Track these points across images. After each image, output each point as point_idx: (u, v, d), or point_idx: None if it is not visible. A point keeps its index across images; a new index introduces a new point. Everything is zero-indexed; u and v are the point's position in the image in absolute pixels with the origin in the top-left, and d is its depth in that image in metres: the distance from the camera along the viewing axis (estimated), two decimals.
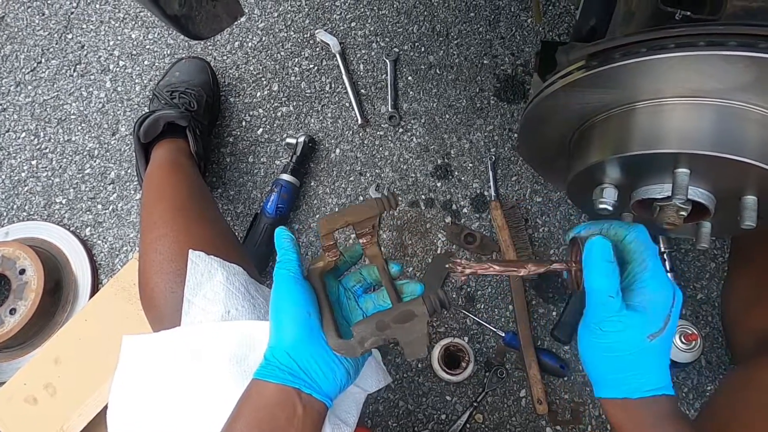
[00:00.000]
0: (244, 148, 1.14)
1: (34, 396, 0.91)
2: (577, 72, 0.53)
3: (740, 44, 0.44)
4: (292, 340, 0.47)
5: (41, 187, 1.13)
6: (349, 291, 0.57)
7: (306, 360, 0.47)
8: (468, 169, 1.11)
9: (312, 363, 0.47)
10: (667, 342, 0.43)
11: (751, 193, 0.52)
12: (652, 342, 0.42)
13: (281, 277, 0.50)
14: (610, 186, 0.56)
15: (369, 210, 0.52)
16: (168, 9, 0.40)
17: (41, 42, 1.23)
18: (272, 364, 0.47)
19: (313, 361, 0.47)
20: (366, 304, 0.56)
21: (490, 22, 1.21)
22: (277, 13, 1.24)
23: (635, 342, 0.42)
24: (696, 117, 0.51)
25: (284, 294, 0.49)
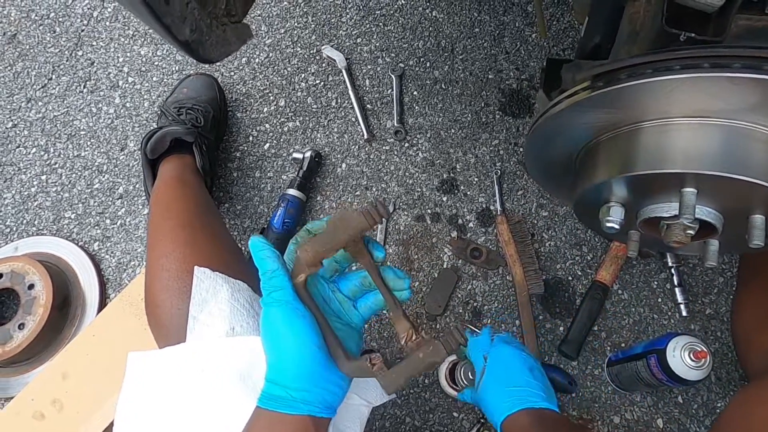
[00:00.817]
0: (251, 163, 1.15)
1: (41, 412, 0.91)
2: (582, 92, 0.54)
3: (744, 66, 0.44)
4: (304, 374, 0.46)
5: (50, 202, 1.14)
6: (331, 283, 0.55)
7: (320, 388, 0.47)
8: (474, 184, 1.11)
9: (324, 389, 0.47)
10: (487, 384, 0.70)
11: (759, 213, 0.51)
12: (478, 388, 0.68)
13: (278, 310, 0.45)
14: (617, 205, 0.56)
15: (356, 226, 0.46)
16: (180, 35, 0.41)
17: (52, 59, 1.25)
18: (283, 397, 0.46)
19: (325, 387, 0.47)
20: (362, 309, 0.55)
21: (495, 37, 1.22)
22: (284, 29, 1.25)
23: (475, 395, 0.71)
24: (702, 137, 0.51)
25: (286, 330, 0.45)
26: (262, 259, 0.46)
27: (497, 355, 0.72)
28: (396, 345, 1.01)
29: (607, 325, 0.99)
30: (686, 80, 0.46)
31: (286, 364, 0.46)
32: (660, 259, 1.01)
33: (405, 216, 1.10)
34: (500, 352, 0.72)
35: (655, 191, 0.54)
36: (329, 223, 0.48)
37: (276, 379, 0.46)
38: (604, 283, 0.98)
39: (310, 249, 0.46)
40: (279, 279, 0.46)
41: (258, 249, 0.47)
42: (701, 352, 0.71)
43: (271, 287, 0.46)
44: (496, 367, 0.70)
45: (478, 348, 0.76)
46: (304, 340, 0.45)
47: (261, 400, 0.47)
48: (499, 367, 0.70)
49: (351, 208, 0.47)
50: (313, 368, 0.46)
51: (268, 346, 0.47)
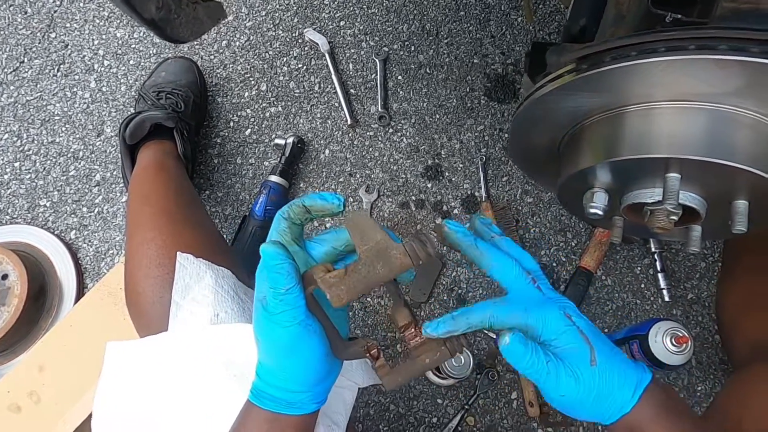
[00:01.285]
0: (232, 150, 1.13)
1: (17, 404, 0.89)
2: (567, 75, 0.52)
3: (730, 48, 0.43)
4: (309, 382, 0.44)
5: (24, 190, 1.11)
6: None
7: (320, 387, 0.46)
8: (458, 170, 1.10)
9: (324, 387, 0.46)
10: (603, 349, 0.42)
11: (742, 198, 0.51)
12: (597, 365, 0.41)
13: (290, 331, 0.42)
14: (601, 190, 0.56)
15: (399, 267, 0.41)
16: (145, 13, 0.39)
17: (24, 41, 1.21)
18: (285, 399, 0.44)
19: (325, 385, 0.46)
20: None
21: (481, 21, 1.20)
22: (265, 11, 1.22)
23: (588, 379, 0.41)
24: (687, 121, 0.50)
25: (296, 349, 0.43)
26: (278, 273, 0.41)
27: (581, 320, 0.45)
28: (381, 333, 1.01)
29: (591, 311, 0.99)
30: (671, 62, 0.45)
31: (293, 375, 0.44)
32: (643, 245, 1.01)
33: (389, 203, 1.08)
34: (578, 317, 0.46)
35: (638, 177, 0.54)
36: (363, 256, 0.42)
37: (278, 383, 0.44)
38: (588, 269, 0.98)
39: (345, 294, 0.41)
40: (293, 297, 0.41)
41: (274, 261, 0.41)
42: (683, 338, 0.71)
43: (285, 305, 0.41)
44: (587, 327, 0.44)
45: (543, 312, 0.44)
46: (315, 356, 0.43)
47: (258, 399, 0.45)
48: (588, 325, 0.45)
49: (364, 215, 0.41)
50: (321, 376, 0.45)
51: (273, 356, 0.44)
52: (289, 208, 0.47)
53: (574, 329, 0.42)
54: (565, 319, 0.43)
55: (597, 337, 0.43)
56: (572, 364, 0.41)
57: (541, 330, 0.43)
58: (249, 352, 0.61)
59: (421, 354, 0.44)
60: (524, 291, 0.45)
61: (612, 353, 0.43)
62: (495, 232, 0.49)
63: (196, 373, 0.61)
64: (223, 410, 0.58)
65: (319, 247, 0.49)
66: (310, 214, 0.47)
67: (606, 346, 0.43)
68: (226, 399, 0.59)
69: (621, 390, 0.41)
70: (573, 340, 0.42)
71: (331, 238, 0.49)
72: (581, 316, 0.44)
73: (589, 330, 0.43)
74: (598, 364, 0.41)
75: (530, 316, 0.43)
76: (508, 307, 0.43)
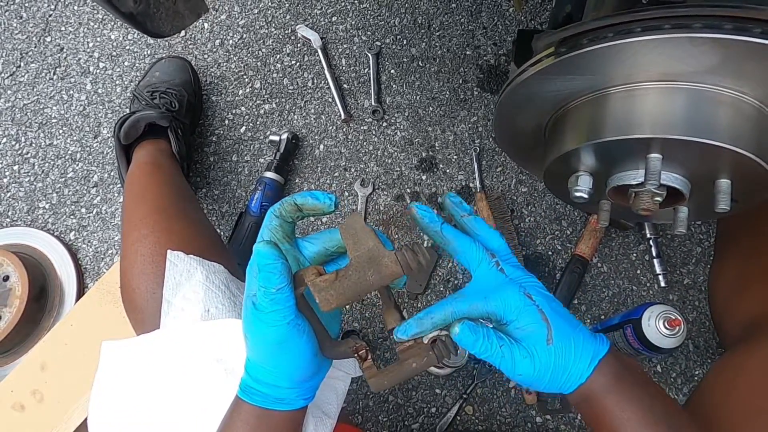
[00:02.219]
0: (228, 147, 1.14)
1: (21, 403, 0.91)
2: (546, 59, 0.53)
3: (705, 26, 0.43)
4: (298, 380, 0.45)
5: (24, 193, 1.12)
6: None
7: (308, 384, 0.46)
8: (453, 161, 1.10)
9: (313, 384, 0.47)
10: (561, 326, 0.43)
11: (724, 177, 0.51)
12: (553, 343, 0.43)
13: (280, 330, 0.42)
14: (585, 174, 0.56)
15: (389, 275, 0.42)
16: (122, 7, 0.39)
17: (20, 46, 1.22)
18: (274, 396, 0.45)
19: (314, 383, 0.47)
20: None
21: (472, 12, 1.20)
22: (257, 9, 1.23)
23: (545, 358, 0.43)
24: (667, 101, 0.50)
25: (286, 347, 0.43)
26: (270, 272, 0.42)
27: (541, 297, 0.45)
28: (378, 325, 1.01)
29: (587, 298, 1.00)
30: (648, 42, 0.46)
31: (281, 372, 0.44)
32: (638, 231, 1.01)
33: (384, 195, 1.09)
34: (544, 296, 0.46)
35: (622, 158, 0.54)
36: (354, 262, 0.42)
37: (266, 380, 0.45)
38: (584, 257, 0.99)
39: (334, 299, 0.42)
40: (284, 297, 0.42)
41: (266, 261, 0.42)
42: (675, 320, 0.71)
43: (275, 304, 0.42)
44: (547, 305, 0.44)
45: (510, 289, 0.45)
46: (304, 355, 0.44)
47: (247, 394, 0.45)
48: (549, 302, 0.45)
49: (359, 220, 0.41)
50: (308, 374, 0.46)
51: (261, 354, 0.45)
52: (280, 205, 0.47)
53: (533, 308, 0.43)
54: (525, 299, 0.43)
55: (556, 314, 0.44)
56: (529, 345, 0.43)
57: (503, 313, 0.44)
58: (239, 348, 0.62)
59: (408, 358, 0.44)
60: (487, 275, 0.46)
61: (570, 328, 0.44)
62: (465, 211, 0.49)
63: (188, 369, 0.62)
64: (216, 405, 0.59)
65: (312, 246, 0.49)
66: (301, 212, 0.47)
67: (565, 322, 0.44)
68: (219, 394, 0.60)
69: (576, 363, 0.43)
70: (531, 321, 0.43)
71: (324, 239, 0.49)
72: (542, 292, 0.45)
73: (548, 307, 0.44)
74: (554, 342, 0.42)
75: (490, 303, 0.44)
76: (468, 299, 0.44)
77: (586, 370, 0.43)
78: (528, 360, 0.42)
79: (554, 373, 0.43)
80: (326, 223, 1.08)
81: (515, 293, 0.44)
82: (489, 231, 0.48)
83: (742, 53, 0.44)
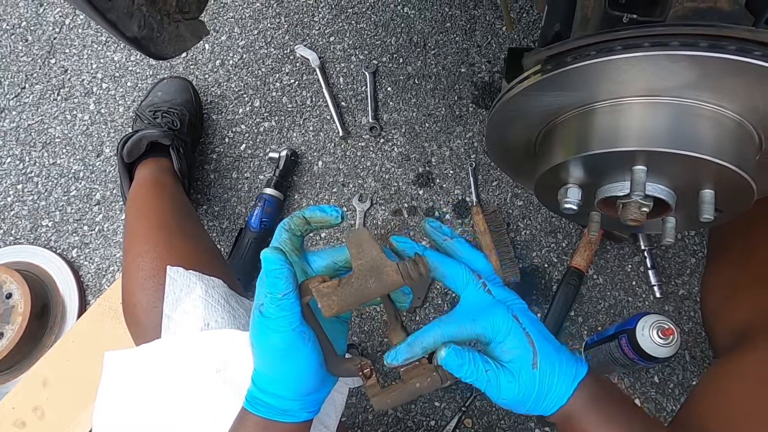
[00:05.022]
0: (228, 165, 1.16)
1: (22, 420, 0.91)
2: (533, 76, 0.55)
3: (682, 44, 0.45)
4: (304, 391, 0.46)
5: (27, 211, 1.14)
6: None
7: (313, 397, 0.47)
8: (449, 176, 1.12)
9: (318, 398, 0.48)
10: (546, 349, 0.44)
11: (707, 187, 0.53)
12: (538, 368, 0.43)
13: (285, 336, 0.43)
14: (574, 186, 0.58)
15: (391, 284, 0.43)
16: (127, 32, 0.41)
17: (25, 68, 1.25)
18: (279, 407, 0.46)
19: (319, 396, 0.48)
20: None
21: (466, 31, 1.23)
22: (257, 30, 1.26)
23: (529, 383, 0.43)
24: (651, 115, 0.52)
25: (291, 355, 0.44)
26: (276, 278, 0.43)
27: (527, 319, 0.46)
28: (378, 339, 1.02)
29: (583, 310, 1.00)
30: (629, 59, 0.48)
31: (286, 382, 0.45)
32: (633, 243, 1.03)
33: (382, 210, 1.10)
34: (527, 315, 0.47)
35: (609, 171, 0.55)
36: (357, 270, 0.43)
37: (272, 390, 0.45)
38: (579, 269, 1.00)
39: (336, 304, 0.42)
40: (289, 303, 0.43)
41: (273, 266, 0.43)
42: (668, 330, 0.72)
43: (281, 310, 0.43)
44: (533, 327, 0.46)
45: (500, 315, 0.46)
46: (309, 364, 0.45)
47: (252, 405, 0.46)
48: (535, 325, 0.46)
49: (367, 233, 0.46)
50: (314, 386, 0.46)
51: (267, 363, 0.45)
52: (290, 219, 0.49)
53: (520, 331, 0.44)
54: (512, 321, 0.44)
55: (542, 336, 0.45)
56: (514, 368, 0.43)
57: (491, 334, 0.44)
58: (239, 358, 0.63)
59: (412, 378, 0.45)
60: (475, 297, 0.46)
61: (554, 351, 0.45)
62: (446, 234, 0.50)
63: (188, 379, 0.63)
64: (216, 416, 0.60)
65: (320, 260, 0.50)
66: (310, 225, 0.49)
67: (549, 345, 0.45)
68: (219, 404, 0.61)
69: (558, 386, 0.43)
70: (517, 344, 0.44)
71: (333, 253, 0.50)
72: (528, 314, 0.46)
73: (534, 330, 0.45)
74: (540, 367, 0.43)
75: (478, 325, 0.44)
76: (456, 321, 0.45)
77: (567, 391, 0.43)
78: (513, 385, 0.43)
79: (537, 397, 0.43)
80: (325, 238, 1.10)
81: (503, 314, 0.44)
82: (473, 253, 0.49)
83: (718, 69, 0.46)
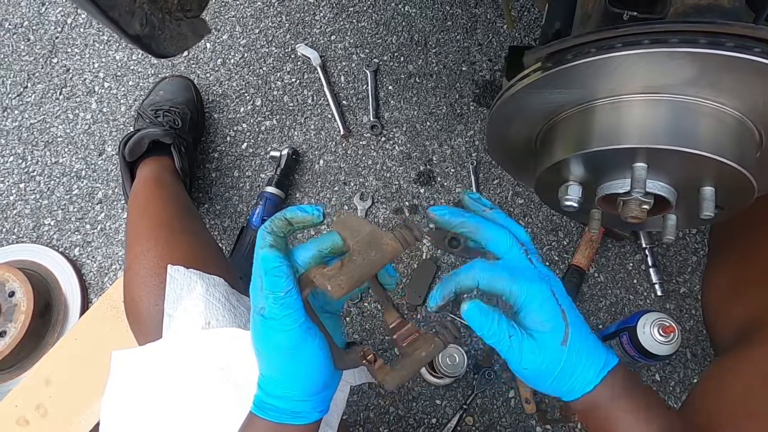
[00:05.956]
0: (229, 163, 1.16)
1: (25, 418, 0.92)
2: (533, 74, 0.55)
3: (681, 41, 0.45)
4: (314, 390, 0.45)
5: (29, 210, 1.14)
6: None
7: (323, 395, 0.47)
8: (450, 175, 1.12)
9: (328, 395, 0.48)
10: (579, 330, 0.43)
11: (708, 185, 0.53)
12: (567, 345, 0.42)
13: (291, 334, 0.42)
14: (575, 183, 0.58)
15: (391, 253, 0.43)
16: (129, 30, 0.42)
17: (27, 67, 1.25)
18: (289, 409, 0.45)
19: (329, 394, 0.48)
20: None
21: (467, 29, 1.23)
22: (258, 29, 1.26)
23: (555, 358, 0.42)
24: (651, 112, 0.52)
25: (299, 353, 0.43)
26: (277, 276, 0.42)
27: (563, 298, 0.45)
28: (379, 337, 1.02)
29: (584, 308, 1.01)
30: (628, 57, 0.48)
31: (296, 381, 0.44)
32: (634, 241, 1.03)
33: (383, 209, 1.11)
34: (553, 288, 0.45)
35: (609, 168, 0.55)
36: (355, 247, 0.43)
37: (282, 393, 0.44)
38: (580, 267, 1.00)
39: (345, 283, 0.42)
40: (293, 300, 0.42)
41: (272, 264, 0.42)
42: (669, 327, 0.72)
43: (286, 308, 0.42)
44: (569, 306, 0.44)
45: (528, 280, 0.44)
46: (318, 359, 0.44)
47: (263, 410, 0.45)
48: (570, 305, 0.45)
49: (352, 215, 0.46)
50: (324, 382, 0.46)
51: (276, 365, 0.44)
52: (271, 222, 0.47)
53: (556, 307, 0.43)
54: (548, 293, 0.43)
55: (576, 318, 0.44)
56: (542, 340, 0.42)
57: (524, 300, 0.43)
58: (241, 356, 0.64)
59: (416, 350, 0.45)
60: (516, 261, 0.45)
61: (586, 335, 0.43)
62: (486, 205, 0.49)
63: (193, 377, 0.63)
64: (221, 413, 0.60)
65: (305, 252, 0.49)
66: (292, 226, 0.48)
67: (583, 328, 0.43)
68: (223, 402, 0.61)
69: (585, 371, 0.42)
70: (551, 317, 0.42)
71: (317, 243, 0.49)
72: (566, 296, 0.44)
73: (570, 310, 0.43)
74: (570, 344, 0.42)
75: (515, 283, 0.43)
76: (495, 269, 0.44)
77: (595, 378, 0.42)
78: (537, 355, 0.42)
79: (560, 375, 0.42)
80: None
81: (541, 285, 0.43)
82: (514, 224, 0.47)
83: (718, 66, 0.46)
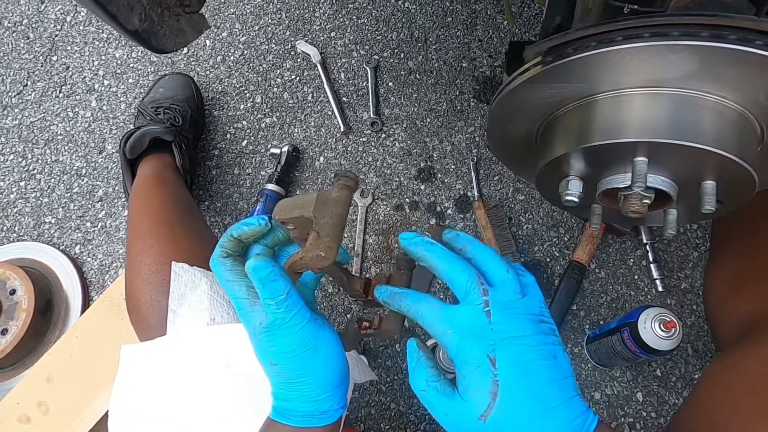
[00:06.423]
0: (230, 161, 1.16)
1: (27, 415, 0.92)
2: (534, 68, 0.55)
3: (683, 34, 0.45)
4: (335, 385, 0.45)
5: (30, 208, 1.14)
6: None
7: (346, 390, 0.47)
8: (451, 171, 1.12)
9: (347, 390, 0.47)
10: (515, 407, 0.36)
11: (709, 179, 0.53)
12: (486, 421, 0.35)
13: (303, 333, 0.41)
14: (575, 178, 0.58)
15: (346, 201, 0.43)
16: (128, 25, 0.41)
17: (27, 65, 1.25)
18: (322, 409, 0.44)
19: (347, 387, 0.47)
20: None
21: (467, 25, 1.23)
22: (258, 26, 1.26)
23: (468, 428, 0.36)
24: (652, 106, 0.52)
25: (318, 350, 0.42)
26: (273, 281, 0.41)
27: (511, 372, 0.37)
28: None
29: (585, 304, 1.00)
30: (629, 50, 0.48)
31: (317, 376, 0.43)
32: (635, 237, 1.02)
33: (384, 206, 1.10)
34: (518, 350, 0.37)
35: (610, 162, 0.55)
36: (316, 214, 0.41)
37: (304, 393, 0.43)
38: (581, 263, 1.00)
39: (332, 242, 0.41)
40: (294, 298, 0.42)
41: (265, 271, 0.41)
42: (670, 322, 0.72)
43: (291, 308, 0.41)
44: (516, 379, 0.36)
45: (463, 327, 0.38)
46: (334, 348, 0.44)
47: (286, 417, 0.44)
48: (521, 377, 0.37)
49: (285, 199, 0.45)
50: (342, 373, 0.45)
51: (293, 367, 0.43)
52: (221, 248, 0.45)
53: (487, 377, 0.36)
54: (483, 361, 0.36)
55: (522, 393, 0.36)
56: (455, 406, 0.37)
57: (455, 359, 0.37)
58: (247, 352, 0.64)
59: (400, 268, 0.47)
60: (466, 313, 0.38)
61: (532, 414, 0.35)
62: (463, 243, 0.42)
63: (201, 373, 0.64)
64: (229, 409, 0.61)
65: (256, 248, 0.47)
66: (242, 242, 0.46)
67: (531, 404, 0.36)
68: (231, 397, 0.61)
69: None
70: (474, 387, 0.36)
71: (261, 244, 0.47)
72: (521, 358, 0.36)
73: (515, 382, 0.36)
74: (489, 422, 0.35)
75: (449, 338, 0.37)
76: (437, 314, 0.38)
77: None
78: (446, 418, 0.37)
79: None
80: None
81: (477, 349, 0.36)
82: (495, 259, 0.40)
83: (719, 59, 0.46)
